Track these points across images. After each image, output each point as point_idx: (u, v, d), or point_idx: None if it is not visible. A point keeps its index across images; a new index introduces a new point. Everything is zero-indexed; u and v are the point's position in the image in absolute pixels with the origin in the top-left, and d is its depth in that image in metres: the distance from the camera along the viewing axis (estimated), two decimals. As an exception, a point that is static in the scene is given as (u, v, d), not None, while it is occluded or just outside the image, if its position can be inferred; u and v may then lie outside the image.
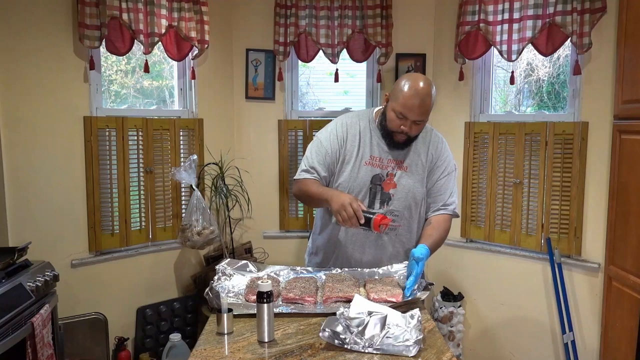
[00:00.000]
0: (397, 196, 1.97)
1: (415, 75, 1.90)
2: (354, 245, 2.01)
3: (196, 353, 1.39)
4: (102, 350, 2.81)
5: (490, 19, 2.92)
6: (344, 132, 2.00)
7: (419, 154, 2.00)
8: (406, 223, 2.00)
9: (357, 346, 1.39)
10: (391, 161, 1.97)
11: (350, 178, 1.95)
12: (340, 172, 1.98)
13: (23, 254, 2.28)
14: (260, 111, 3.39)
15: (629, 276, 2.43)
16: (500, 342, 3.17)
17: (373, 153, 1.97)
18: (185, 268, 3.24)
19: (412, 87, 1.84)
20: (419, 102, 1.83)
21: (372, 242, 2.00)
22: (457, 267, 3.30)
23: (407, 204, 1.98)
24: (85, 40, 2.62)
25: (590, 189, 2.74)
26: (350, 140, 1.99)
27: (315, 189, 1.93)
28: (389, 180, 1.96)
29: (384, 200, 1.97)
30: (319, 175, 1.98)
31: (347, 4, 3.17)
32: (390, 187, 1.97)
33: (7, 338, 1.93)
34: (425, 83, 1.85)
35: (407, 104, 1.83)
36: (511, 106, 3.26)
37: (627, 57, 2.47)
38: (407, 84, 1.85)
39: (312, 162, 1.99)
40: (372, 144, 1.98)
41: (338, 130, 2.01)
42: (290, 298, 1.67)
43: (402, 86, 1.86)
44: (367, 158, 1.97)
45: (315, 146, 2.02)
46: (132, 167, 2.94)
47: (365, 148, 1.98)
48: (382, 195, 1.97)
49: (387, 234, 1.98)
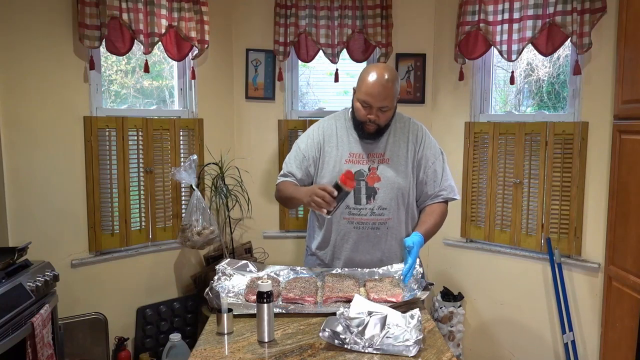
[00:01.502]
0: (382, 189, 1.98)
1: (376, 64, 2.00)
2: (346, 243, 2.02)
3: (196, 353, 1.39)
4: (102, 350, 2.81)
5: (490, 19, 2.92)
6: (320, 135, 2.06)
7: (399, 145, 2.02)
8: (395, 215, 2.01)
9: (357, 346, 1.39)
10: (372, 155, 2.00)
11: (332, 178, 1.96)
12: (321, 174, 2.02)
13: (23, 254, 2.28)
14: (260, 111, 3.39)
15: (629, 276, 2.43)
16: (500, 342, 3.17)
17: (352, 150, 2.01)
18: (185, 268, 3.24)
19: (372, 75, 1.90)
20: (380, 88, 1.88)
21: (364, 237, 2.00)
22: (457, 267, 3.30)
23: (393, 195, 1.99)
24: (85, 40, 2.62)
25: (590, 189, 2.74)
26: (327, 141, 2.05)
27: (290, 190, 2.00)
28: (371, 174, 1.98)
29: (369, 195, 1.98)
30: (295, 178, 2.06)
31: (347, 4, 3.17)
32: (374, 180, 1.98)
33: (7, 338, 1.93)
34: (385, 70, 1.91)
35: (369, 91, 1.89)
36: (511, 106, 3.26)
37: (627, 57, 2.47)
38: (368, 73, 1.92)
39: (289, 167, 2.08)
40: (350, 141, 2.02)
41: (314, 135, 2.08)
42: (290, 298, 1.67)
43: (364, 75, 1.93)
44: (346, 156, 2.01)
45: (294, 151, 2.11)
46: (132, 167, 2.94)
47: (344, 147, 2.02)
48: (367, 190, 1.98)
49: (378, 228, 1.99)
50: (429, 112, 3.36)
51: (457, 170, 3.23)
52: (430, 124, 3.36)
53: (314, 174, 2.06)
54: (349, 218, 2.00)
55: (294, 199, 1.96)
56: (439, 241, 3.31)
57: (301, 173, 2.06)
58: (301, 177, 2.05)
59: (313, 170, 2.06)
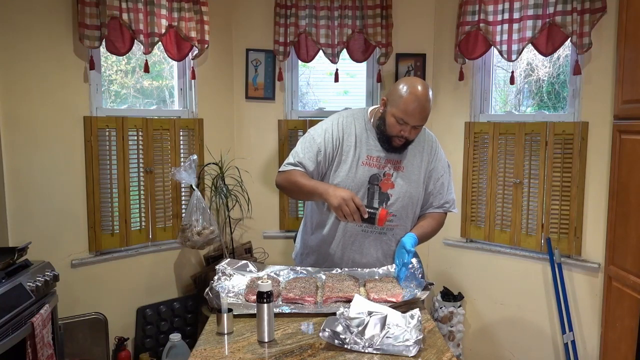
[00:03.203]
0: (395, 196, 1.96)
1: (413, 80, 1.89)
2: (352, 245, 2.00)
3: (196, 353, 1.39)
4: (102, 350, 2.81)
5: (490, 19, 2.92)
6: (340, 132, 1.97)
7: (415, 155, 2.00)
8: (403, 223, 2.01)
9: (357, 346, 1.39)
10: (388, 161, 1.97)
11: (348, 178, 1.94)
12: (336, 172, 1.96)
13: (23, 254, 2.28)
14: (260, 111, 3.39)
15: (629, 276, 2.43)
16: (500, 342, 3.17)
17: (370, 153, 1.97)
18: (185, 268, 3.24)
19: (411, 93, 1.82)
20: (420, 108, 1.83)
21: (371, 242, 1.99)
22: (457, 267, 3.30)
23: (404, 204, 1.98)
24: (85, 40, 2.62)
25: (590, 189, 2.74)
26: (346, 140, 1.97)
27: (306, 181, 1.90)
28: (386, 180, 1.96)
29: (382, 200, 1.96)
30: (307, 170, 1.94)
31: (347, 4, 3.17)
32: (388, 187, 1.96)
33: (7, 338, 1.93)
34: (423, 87, 1.84)
35: (407, 109, 1.82)
36: (511, 106, 3.26)
37: (627, 57, 2.47)
38: (406, 89, 1.83)
39: (301, 158, 1.95)
40: (369, 144, 1.97)
41: (334, 130, 1.97)
42: (290, 298, 1.67)
43: (401, 91, 1.84)
44: (364, 158, 1.96)
45: (308, 142, 1.98)
46: (132, 167, 2.94)
47: (362, 148, 1.97)
48: (380, 195, 1.96)
49: (385, 233, 1.98)
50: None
51: (457, 171, 3.23)
52: (430, 124, 3.33)
53: (327, 171, 1.98)
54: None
55: (314, 193, 1.86)
56: (439, 241, 3.31)
57: (313, 166, 1.95)
58: (312, 170, 1.95)
59: (325, 165, 1.97)
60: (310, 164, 1.95)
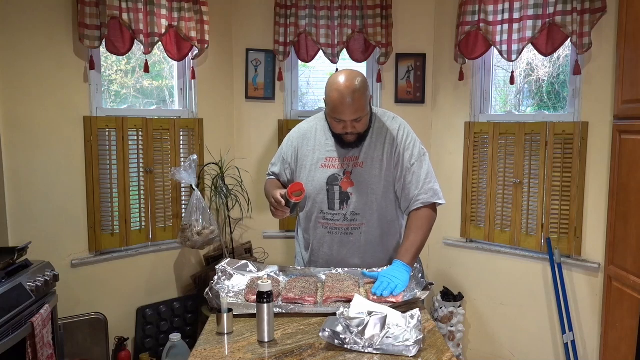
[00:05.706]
0: (355, 194, 1.93)
1: (336, 74, 1.83)
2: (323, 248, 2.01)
3: (196, 353, 1.39)
4: (102, 350, 2.81)
5: (490, 19, 2.92)
6: (300, 138, 2.04)
7: (375, 147, 1.93)
8: (369, 221, 1.94)
9: (357, 346, 1.38)
10: (347, 159, 1.94)
11: (308, 182, 1.95)
12: (299, 178, 2.00)
13: (23, 254, 2.28)
14: (260, 111, 3.39)
15: (629, 276, 2.43)
16: (500, 342, 3.17)
17: (329, 154, 1.96)
18: (185, 268, 3.24)
19: (335, 89, 1.78)
20: (347, 103, 1.77)
21: (338, 244, 1.98)
22: (457, 267, 3.30)
23: (366, 200, 1.92)
24: (85, 40, 2.62)
25: (590, 189, 2.74)
26: (305, 145, 2.01)
27: (268, 188, 2.04)
28: (346, 179, 1.93)
29: (343, 200, 1.94)
30: (278, 178, 2.11)
31: (347, 4, 3.17)
32: (347, 185, 1.93)
33: (7, 338, 1.93)
34: (346, 79, 1.77)
35: (336, 107, 1.80)
36: (511, 106, 3.26)
37: (627, 57, 2.47)
38: (330, 87, 1.81)
39: (273, 167, 2.14)
40: (328, 145, 1.96)
41: (293, 137, 2.07)
42: (290, 298, 1.67)
43: (327, 90, 1.82)
44: (322, 161, 1.96)
45: (279, 151, 2.14)
46: (132, 167, 2.94)
47: (322, 151, 1.97)
48: (341, 195, 1.94)
49: (351, 234, 1.96)
50: (429, 112, 3.36)
51: (457, 170, 3.24)
52: (430, 124, 3.36)
53: (293, 176, 2.06)
54: (323, 223, 1.98)
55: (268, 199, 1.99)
56: (439, 241, 3.32)
57: (283, 173, 2.08)
58: (285, 178, 2.08)
59: (292, 171, 2.06)
60: (281, 172, 2.09)
